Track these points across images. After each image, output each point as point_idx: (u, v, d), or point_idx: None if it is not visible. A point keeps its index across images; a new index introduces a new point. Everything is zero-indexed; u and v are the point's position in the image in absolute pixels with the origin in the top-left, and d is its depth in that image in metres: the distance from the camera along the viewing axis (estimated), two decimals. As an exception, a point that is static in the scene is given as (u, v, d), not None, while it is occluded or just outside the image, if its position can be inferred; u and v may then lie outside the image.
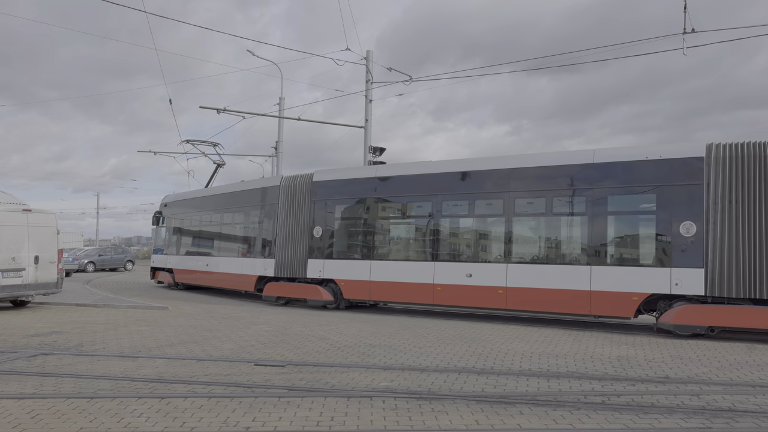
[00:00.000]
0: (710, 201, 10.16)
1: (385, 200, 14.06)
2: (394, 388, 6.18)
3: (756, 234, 9.81)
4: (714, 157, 10.23)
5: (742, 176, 10.01)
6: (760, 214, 9.82)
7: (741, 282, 9.83)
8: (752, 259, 9.80)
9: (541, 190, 11.84)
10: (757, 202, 9.86)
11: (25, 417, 5.15)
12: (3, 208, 14.77)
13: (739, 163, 10.05)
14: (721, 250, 10.01)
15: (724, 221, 10.03)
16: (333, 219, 14.76)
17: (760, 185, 9.85)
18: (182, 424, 4.94)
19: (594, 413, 5.26)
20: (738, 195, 9.99)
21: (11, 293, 13.85)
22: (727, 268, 9.93)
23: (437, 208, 13.08)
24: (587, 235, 11.32)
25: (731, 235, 9.97)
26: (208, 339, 9.54)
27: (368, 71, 19.20)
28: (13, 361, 7.72)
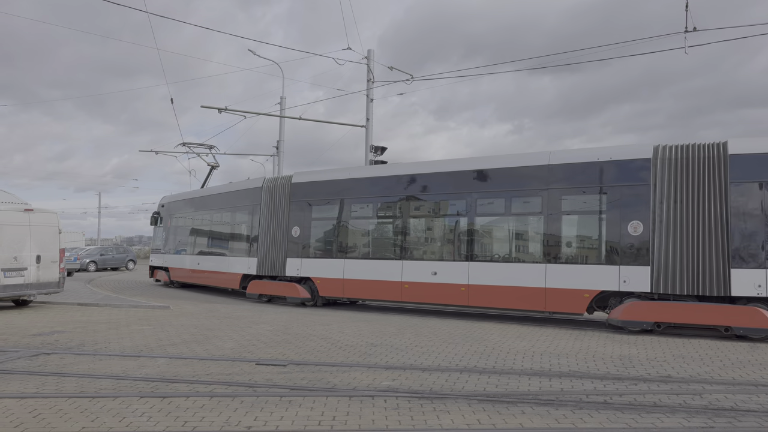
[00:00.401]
0: (656, 201, 10.53)
1: (357, 201, 14.49)
2: (395, 387, 6.18)
3: (699, 233, 10.18)
4: (660, 159, 10.60)
5: (686, 177, 10.37)
6: (703, 213, 10.19)
7: (685, 279, 10.20)
8: (696, 258, 10.17)
9: (501, 191, 12.29)
10: (701, 202, 10.22)
11: (27, 416, 5.15)
12: (5, 208, 14.78)
13: (684, 165, 10.42)
14: (666, 249, 10.38)
15: (669, 221, 10.41)
16: (310, 219, 15.28)
17: (703, 186, 10.23)
18: (184, 423, 4.94)
19: (596, 412, 5.25)
20: (683, 195, 10.36)
21: (13, 293, 13.87)
22: (672, 265, 10.30)
23: (405, 209, 13.58)
24: (543, 235, 11.73)
25: (676, 234, 10.34)
26: (210, 338, 9.55)
27: (369, 70, 19.19)
28: (16, 360, 7.73)
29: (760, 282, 9.74)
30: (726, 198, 10.06)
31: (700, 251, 10.17)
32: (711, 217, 10.16)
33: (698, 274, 10.15)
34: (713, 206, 10.17)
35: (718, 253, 10.05)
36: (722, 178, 10.13)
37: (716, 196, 10.15)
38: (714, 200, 10.17)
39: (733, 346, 9.07)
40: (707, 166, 10.27)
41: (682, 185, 10.41)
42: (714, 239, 10.09)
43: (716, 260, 10.05)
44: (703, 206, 10.24)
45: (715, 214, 10.14)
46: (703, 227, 10.20)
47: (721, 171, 10.15)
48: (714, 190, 10.17)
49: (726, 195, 10.06)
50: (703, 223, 10.21)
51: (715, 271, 10.03)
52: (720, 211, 10.11)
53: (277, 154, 26.79)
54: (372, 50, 19.33)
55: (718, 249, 10.06)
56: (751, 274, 9.79)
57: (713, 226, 10.13)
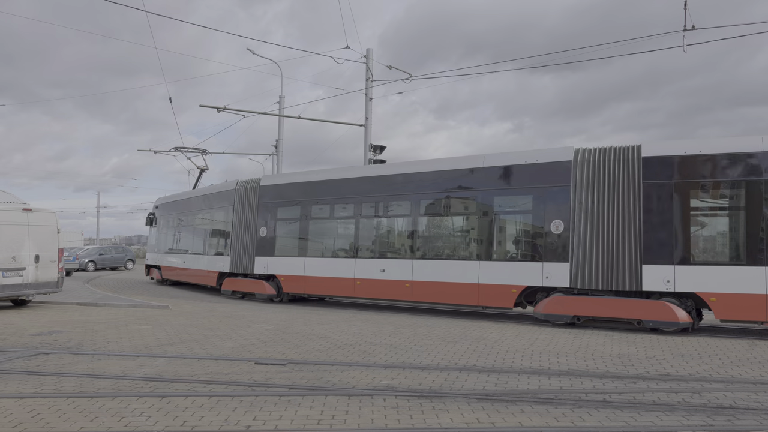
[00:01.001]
0: (576, 201, 11.18)
1: (316, 203, 15.37)
2: (395, 386, 6.18)
3: (615, 231, 10.78)
4: (580, 161, 11.24)
5: (604, 178, 10.98)
6: (619, 212, 10.78)
7: (601, 275, 10.83)
8: (611, 254, 10.78)
9: (441, 192, 13.02)
10: (617, 201, 10.82)
11: (25, 416, 5.14)
12: (3, 208, 14.76)
13: (601, 167, 11.04)
14: (584, 246, 11.02)
15: (587, 220, 11.04)
16: (275, 220, 16.21)
17: (619, 186, 10.81)
18: (183, 422, 4.94)
19: (595, 411, 5.25)
20: (600, 195, 10.98)
21: (12, 292, 13.85)
22: (589, 262, 10.94)
23: (358, 210, 14.40)
24: (477, 233, 12.52)
25: (593, 232, 10.96)
26: (209, 338, 9.54)
27: (368, 69, 19.18)
28: (14, 360, 7.71)
29: (669, 277, 10.29)
30: (639, 198, 10.61)
31: (615, 248, 10.73)
32: (625, 216, 10.71)
33: (613, 270, 10.73)
34: (627, 206, 10.71)
35: (632, 250, 10.60)
36: (636, 180, 10.67)
37: (630, 196, 10.70)
38: (628, 200, 10.71)
39: (731, 344, 9.08)
40: (623, 168, 10.83)
41: (600, 186, 11.00)
42: (628, 237, 10.64)
43: (629, 257, 10.60)
44: (619, 206, 10.80)
45: (629, 213, 10.68)
46: (618, 226, 10.77)
47: (635, 173, 10.69)
48: (628, 190, 10.72)
49: (639, 195, 10.61)
50: (618, 221, 10.77)
51: (629, 267, 10.59)
52: (633, 211, 10.65)
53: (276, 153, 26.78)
54: (371, 49, 19.34)
55: (632, 246, 10.61)
56: (661, 270, 10.35)
57: (627, 224, 10.68)
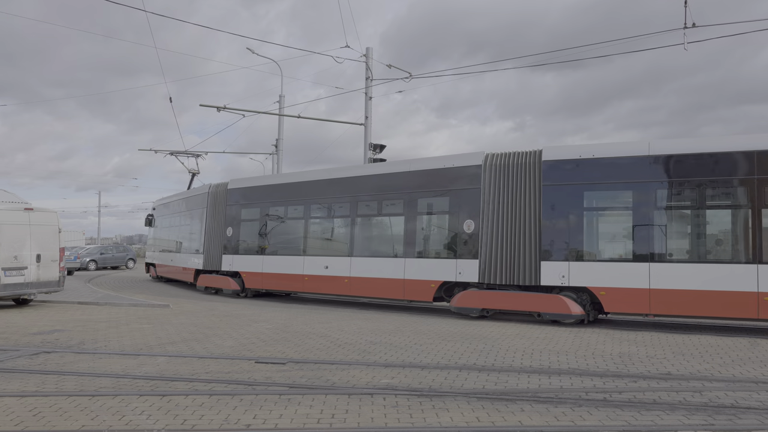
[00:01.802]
0: (484, 202, 12.08)
1: (273, 205, 16.68)
2: (394, 385, 6.18)
3: (517, 230, 11.66)
4: (488, 165, 12.13)
5: (509, 181, 11.86)
6: (521, 213, 11.66)
7: (505, 271, 11.72)
8: (514, 251, 11.66)
9: (375, 195, 14.12)
10: (520, 202, 11.68)
11: (27, 415, 5.15)
12: (5, 207, 14.78)
13: (507, 171, 11.91)
14: (491, 244, 11.91)
15: (494, 220, 11.92)
16: (239, 221, 17.55)
17: (522, 188, 11.67)
18: (183, 421, 4.94)
19: (595, 410, 5.25)
20: (505, 197, 11.86)
21: (13, 291, 13.88)
22: (495, 259, 11.84)
23: (307, 211, 15.66)
24: (403, 233, 13.46)
25: (499, 231, 11.86)
26: (209, 336, 9.55)
27: (368, 68, 19.17)
28: (16, 359, 7.73)
29: (564, 273, 11.16)
30: (539, 199, 11.46)
31: (518, 246, 11.63)
32: (527, 215, 11.59)
33: (516, 266, 11.63)
34: (529, 206, 11.58)
35: (531, 247, 11.48)
36: (536, 182, 11.53)
37: (531, 197, 11.57)
38: (529, 201, 11.57)
39: (732, 343, 9.07)
40: (526, 171, 11.70)
41: (505, 188, 11.90)
42: (528, 235, 11.53)
43: (529, 254, 11.48)
44: (521, 206, 11.68)
45: (530, 213, 11.55)
46: (520, 225, 11.65)
47: (536, 176, 11.55)
48: (530, 192, 11.59)
49: (539, 197, 11.46)
50: (520, 221, 11.66)
51: (529, 264, 11.48)
52: (534, 211, 11.51)
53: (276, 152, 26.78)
54: (371, 48, 19.33)
55: (531, 244, 11.48)
56: (557, 266, 11.22)
57: (528, 223, 11.55)
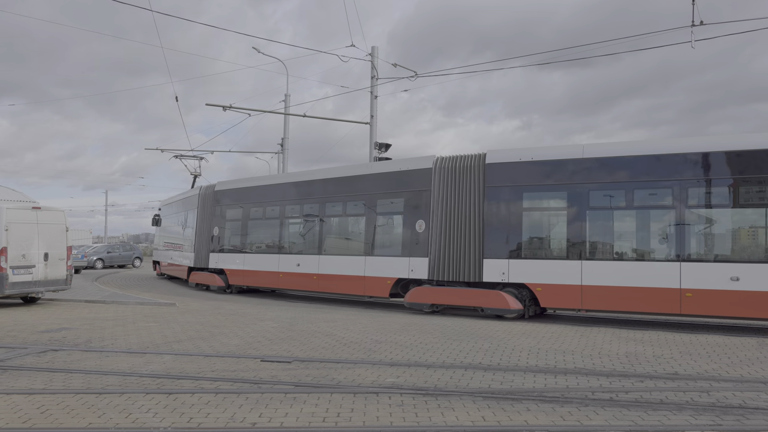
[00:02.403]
0: (434, 203, 12.79)
1: (253, 206, 17.71)
2: (400, 384, 6.18)
3: (463, 230, 12.32)
4: (438, 168, 12.85)
5: (455, 183, 12.56)
6: (466, 213, 12.32)
7: (452, 268, 12.44)
8: (459, 250, 12.36)
9: (341, 196, 15.01)
10: (465, 203, 12.36)
11: (35, 412, 5.19)
12: (13, 206, 14.87)
13: (453, 173, 12.61)
14: (439, 243, 12.62)
15: (442, 219, 12.61)
16: (225, 221, 18.66)
17: (467, 190, 12.36)
18: (189, 419, 4.96)
19: (602, 410, 5.23)
20: (452, 198, 12.56)
21: (21, 290, 13.97)
22: (442, 257, 12.56)
23: (282, 212, 16.67)
24: (364, 232, 14.31)
25: (446, 230, 12.55)
26: (215, 335, 9.58)
27: (373, 67, 19.15)
28: (24, 356, 7.78)
29: (504, 270, 11.88)
30: (482, 200, 12.15)
31: (463, 244, 12.32)
32: (471, 215, 12.25)
33: (461, 264, 12.32)
34: (473, 207, 12.25)
35: (475, 246, 12.18)
36: (480, 184, 12.21)
37: (475, 198, 12.24)
38: (473, 202, 12.25)
39: (740, 342, 9.00)
40: (471, 173, 12.38)
41: (453, 190, 12.58)
42: (472, 234, 12.21)
43: (473, 252, 12.19)
44: (466, 207, 12.35)
45: (474, 213, 12.22)
46: (465, 224, 12.32)
47: (480, 178, 12.22)
48: (474, 193, 12.27)
49: (482, 197, 12.15)
50: (465, 220, 12.32)
51: (473, 261, 12.18)
52: (477, 211, 12.19)
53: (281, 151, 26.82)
54: (376, 47, 19.30)
55: (475, 242, 12.18)
56: (497, 264, 11.93)
57: (472, 223, 12.22)
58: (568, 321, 11.74)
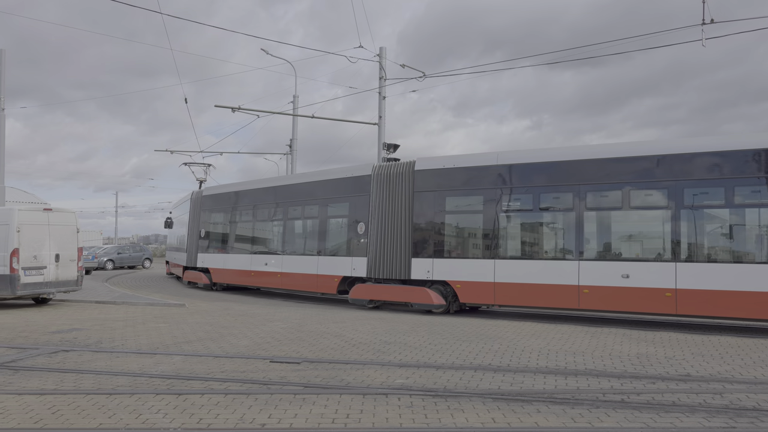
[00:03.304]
0: (372, 207, 14.03)
1: (231, 209, 19.37)
2: (409, 385, 6.16)
3: (395, 231, 13.50)
4: (376, 175, 14.12)
5: (390, 188, 13.77)
6: (397, 216, 13.49)
7: (386, 267, 13.64)
8: (392, 250, 13.56)
9: (300, 200, 16.52)
10: (397, 207, 13.52)
11: (46, 412, 5.22)
12: (25, 208, 15.02)
13: (388, 179, 13.85)
14: (376, 243, 13.84)
15: (379, 222, 13.82)
16: (209, 223, 20.40)
17: (399, 195, 13.53)
18: (199, 420, 4.97)
19: (613, 412, 5.18)
20: (387, 202, 13.76)
21: (33, 290, 14.09)
22: (378, 256, 13.77)
23: (253, 215, 18.30)
24: (318, 234, 15.77)
25: (381, 232, 13.74)
26: (224, 336, 9.60)
27: (381, 68, 19.14)
28: (35, 357, 7.84)
29: (429, 268, 12.96)
30: (411, 204, 13.27)
31: (395, 245, 13.50)
32: (402, 218, 13.40)
33: (394, 263, 13.49)
34: (403, 210, 13.40)
35: (405, 246, 13.31)
36: (409, 189, 13.34)
37: (405, 202, 13.38)
38: (403, 205, 13.39)
39: (753, 344, 8.90)
40: (402, 180, 13.54)
41: (387, 195, 13.78)
42: (402, 235, 13.36)
43: (403, 252, 13.33)
44: (398, 210, 13.51)
45: (404, 215, 13.36)
46: (398, 226, 13.47)
47: (409, 183, 13.34)
48: (404, 198, 13.42)
49: (411, 201, 13.27)
50: (398, 223, 13.47)
51: (403, 260, 13.32)
52: (407, 214, 13.33)
53: (290, 152, 26.87)
54: (384, 48, 19.28)
55: (405, 243, 13.33)
56: (423, 263, 13.04)
57: (403, 225, 13.36)
58: (577, 322, 11.66)
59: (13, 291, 13.62)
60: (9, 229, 13.66)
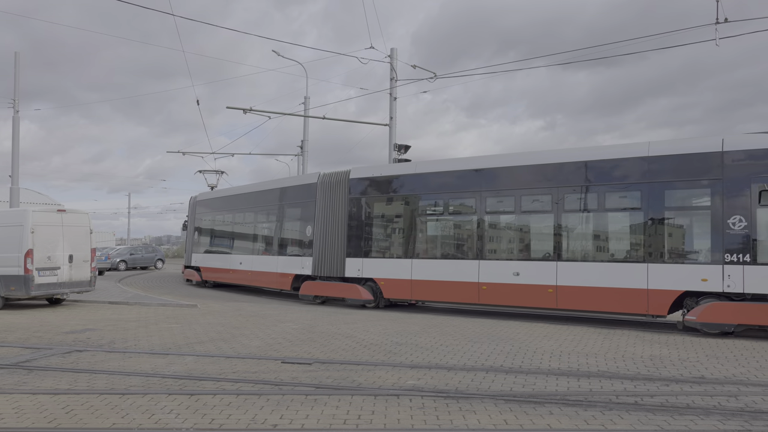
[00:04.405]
0: (317, 212, 15.61)
1: (214, 213, 22.01)
2: (421, 386, 6.14)
3: (334, 234, 14.96)
4: (321, 183, 15.69)
5: (331, 195, 15.28)
6: (336, 220, 14.99)
7: (327, 266, 15.14)
8: (331, 251, 15.01)
9: (264, 206, 18.43)
10: (336, 211, 15.01)
11: (60, 412, 5.27)
12: (39, 209, 15.18)
13: (329, 186, 15.36)
14: (319, 245, 15.36)
15: (322, 225, 15.34)
16: (200, 226, 22.88)
17: (337, 200, 15.03)
18: (211, 420, 4.99)
19: (626, 414, 5.13)
20: (329, 207, 15.26)
21: (47, 291, 14.24)
22: (321, 256, 15.29)
23: (232, 219, 20.45)
24: (279, 236, 17.61)
25: (323, 234, 15.27)
26: (236, 336, 9.64)
27: (392, 69, 19.13)
28: (49, 357, 7.92)
29: (359, 267, 14.30)
30: (346, 209, 14.73)
31: (334, 246, 14.94)
32: (339, 222, 14.87)
33: (333, 262, 14.97)
34: (339, 215, 14.87)
35: (340, 247, 14.74)
36: (345, 196, 14.82)
37: (342, 208, 14.86)
38: (340, 211, 14.88)
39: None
40: (339, 187, 15.00)
41: (328, 201, 15.31)
42: (339, 237, 14.80)
43: (339, 252, 14.76)
44: (336, 215, 14.97)
45: (341, 220, 14.82)
46: (336, 229, 14.95)
47: (345, 191, 14.83)
48: (341, 204, 14.89)
49: (346, 207, 14.73)
50: (336, 226, 14.96)
51: (339, 260, 14.77)
52: (342, 218, 14.77)
53: (301, 153, 26.94)
54: (395, 49, 19.27)
55: (341, 244, 14.77)
56: (355, 262, 14.35)
57: (339, 228, 14.81)
58: (590, 323, 11.57)
59: (27, 291, 13.78)
60: (23, 230, 13.82)
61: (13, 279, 13.80)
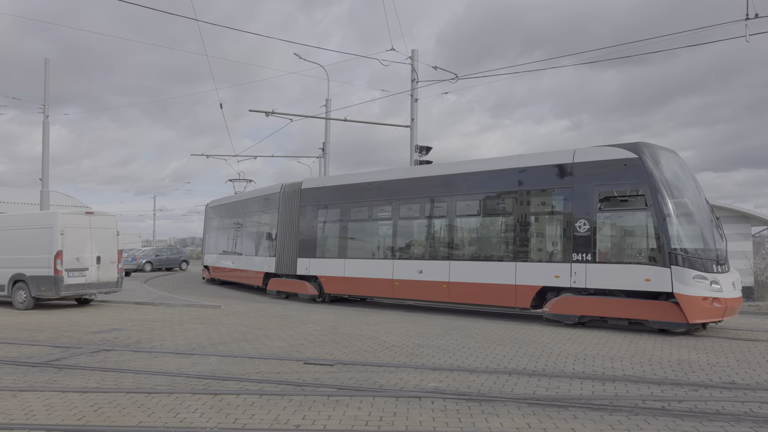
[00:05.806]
0: (279, 218, 17.89)
1: (216, 218, 25.18)
2: (443, 388, 6.11)
3: (290, 237, 17.17)
4: (282, 192, 17.99)
5: (288, 203, 17.53)
6: (291, 225, 17.16)
7: (285, 265, 17.34)
8: (288, 252, 17.21)
9: (247, 213, 21.22)
10: (292, 218, 17.19)
11: (89, 410, 5.38)
12: (68, 211, 15.54)
13: (288, 195, 17.62)
14: (280, 247, 17.68)
15: (283, 230, 17.60)
16: (210, 229, 26.09)
17: (293, 208, 17.17)
18: (234, 420, 5.04)
19: (653, 419, 5.03)
20: (286, 214, 17.50)
21: (76, 291, 14.56)
22: (281, 257, 17.55)
23: (228, 224, 23.28)
24: (254, 239, 20.31)
25: (283, 237, 17.50)
26: (259, 337, 9.73)
27: (413, 70, 19.12)
28: (78, 356, 8.10)
29: (307, 266, 16.47)
30: (298, 215, 16.96)
31: (289, 247, 17.15)
32: (293, 226, 17.09)
33: (288, 262, 17.16)
34: (294, 220, 17.07)
35: (294, 248, 16.93)
36: (298, 204, 17.04)
37: (295, 214, 17.04)
38: (294, 217, 17.07)
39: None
40: (294, 196, 17.31)
41: (287, 208, 17.54)
42: (293, 240, 17.00)
43: (293, 253, 16.95)
44: (292, 220, 17.19)
45: (294, 225, 17.00)
46: (291, 233, 17.14)
47: (298, 199, 17.11)
48: (295, 210, 17.12)
49: (299, 214, 16.96)
50: (291, 230, 17.16)
51: (292, 260, 16.96)
52: (296, 223, 16.96)
53: (323, 155, 27.08)
54: (416, 50, 19.25)
55: (294, 246, 16.93)
56: (304, 262, 16.61)
57: (294, 232, 17.02)
58: (614, 327, 11.39)
59: (57, 291, 14.11)
60: (53, 231, 14.16)
61: (43, 280, 14.15)
